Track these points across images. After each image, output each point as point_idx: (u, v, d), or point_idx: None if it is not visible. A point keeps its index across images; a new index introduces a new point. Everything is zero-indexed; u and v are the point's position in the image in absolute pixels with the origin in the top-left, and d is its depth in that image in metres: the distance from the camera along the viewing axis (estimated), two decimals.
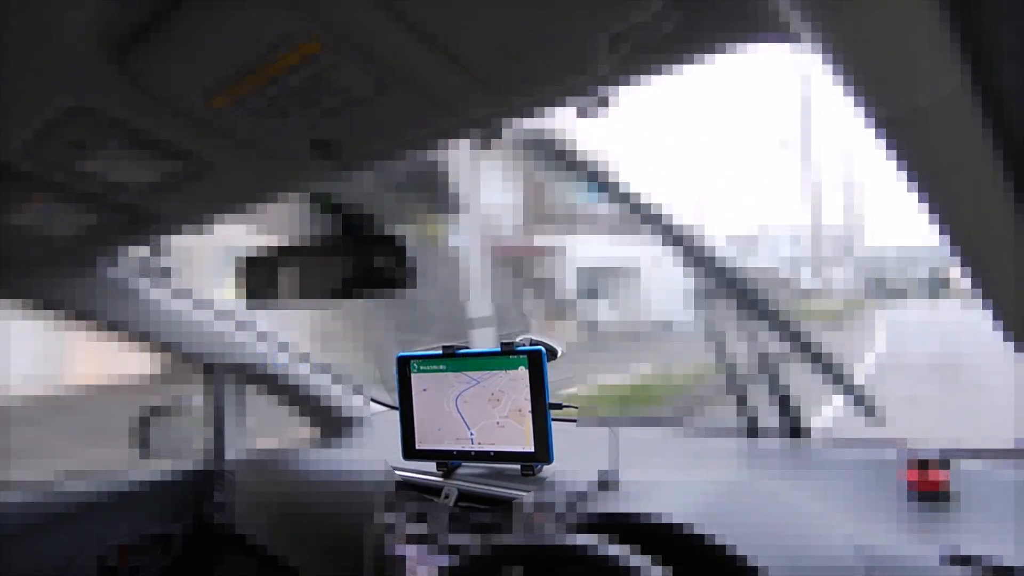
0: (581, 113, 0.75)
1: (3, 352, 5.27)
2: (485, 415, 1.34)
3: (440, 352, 1.39)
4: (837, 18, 0.45)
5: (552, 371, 1.30)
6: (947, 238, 0.59)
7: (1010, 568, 0.84)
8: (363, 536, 1.40)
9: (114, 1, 0.61)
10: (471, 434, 1.36)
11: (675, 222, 1.77)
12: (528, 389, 1.28)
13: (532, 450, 1.29)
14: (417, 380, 1.43)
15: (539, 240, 11.38)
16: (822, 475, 1.17)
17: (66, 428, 5.20)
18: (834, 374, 1.38)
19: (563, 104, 0.75)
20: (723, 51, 0.65)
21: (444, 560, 1.27)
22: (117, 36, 0.65)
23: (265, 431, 2.06)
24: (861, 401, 1.34)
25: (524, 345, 1.30)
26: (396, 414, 1.48)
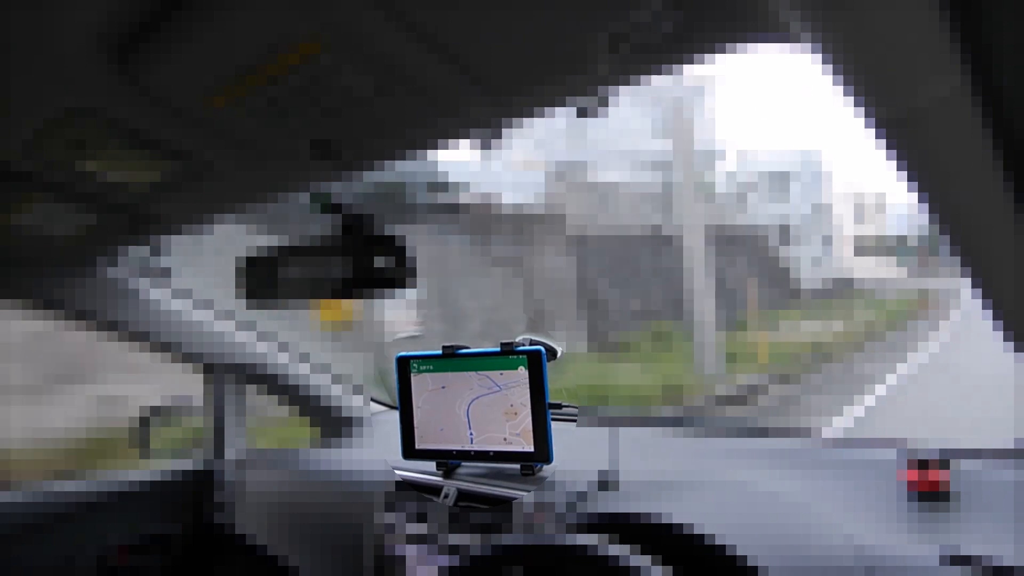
0: (581, 113, 0.75)
1: None
2: (487, 416, 1.34)
3: (440, 352, 1.39)
4: (837, 18, 0.45)
5: None
6: (947, 238, 0.59)
7: (1010, 568, 0.84)
8: (363, 536, 1.40)
9: (114, 1, 0.61)
10: (471, 434, 1.36)
11: None
12: (528, 389, 1.28)
13: (532, 450, 1.29)
14: (418, 380, 1.43)
15: None
16: (822, 475, 1.17)
17: None
18: None
19: (563, 104, 0.75)
20: (723, 51, 0.65)
21: (444, 560, 1.27)
22: (117, 36, 0.65)
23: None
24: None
25: (524, 345, 1.31)
26: (396, 414, 1.48)
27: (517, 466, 1.31)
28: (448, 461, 1.40)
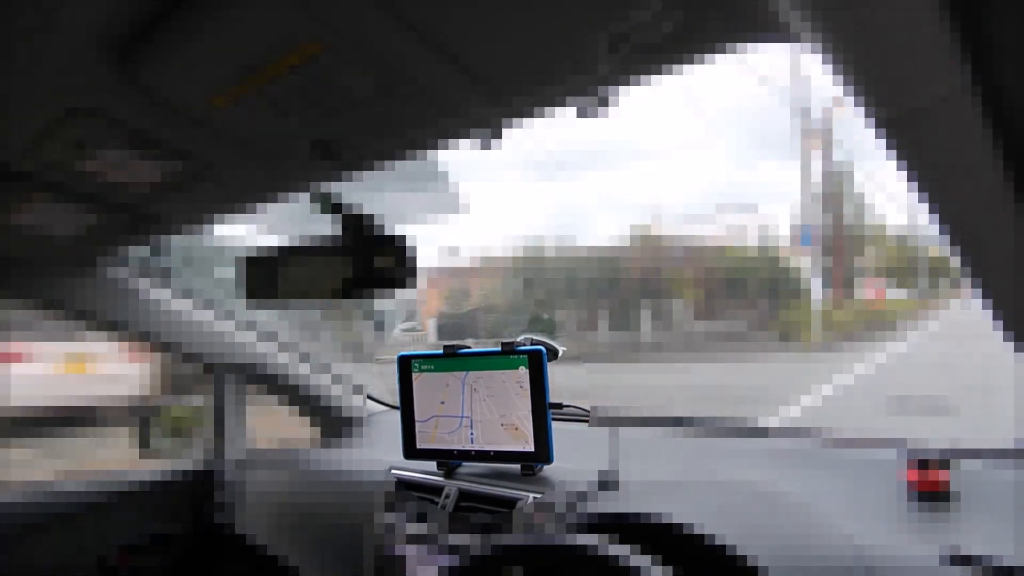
0: (581, 113, 0.75)
1: None
2: (488, 415, 1.34)
3: (441, 352, 1.39)
4: (837, 18, 0.45)
5: None
6: (947, 238, 0.59)
7: (1010, 568, 0.84)
8: (363, 536, 1.40)
9: (114, 1, 0.61)
10: (472, 434, 1.36)
11: None
12: (529, 389, 1.28)
13: (532, 450, 1.29)
14: (419, 380, 1.43)
15: None
16: (822, 475, 1.17)
17: None
18: None
19: (563, 104, 0.75)
20: (723, 51, 0.65)
21: (444, 560, 1.27)
22: (117, 36, 0.65)
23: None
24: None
25: (524, 345, 1.31)
26: (396, 414, 1.48)
27: (518, 466, 1.31)
28: (449, 461, 1.40)
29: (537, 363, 1.28)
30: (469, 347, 1.38)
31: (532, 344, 1.31)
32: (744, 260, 13.18)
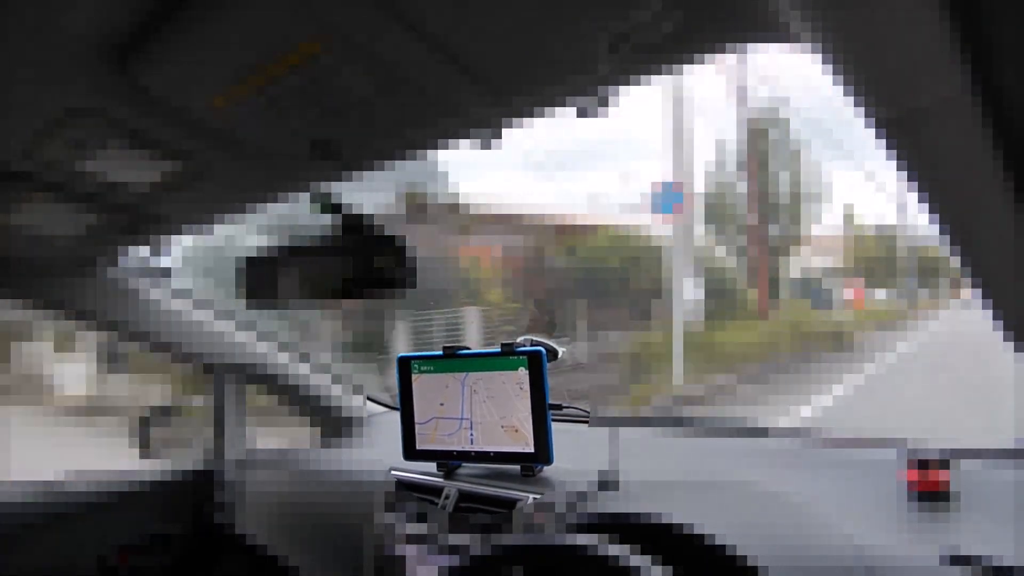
0: (581, 113, 0.75)
1: None
2: (487, 416, 1.34)
3: (441, 353, 1.39)
4: (837, 18, 0.45)
5: None
6: (947, 238, 0.59)
7: (1010, 568, 0.84)
8: (363, 536, 1.40)
9: (115, 2, 0.61)
10: (471, 435, 1.36)
11: None
12: (528, 390, 1.28)
13: (532, 451, 1.28)
14: (418, 380, 1.43)
15: None
16: (822, 475, 1.17)
17: None
18: None
19: (563, 104, 0.75)
20: (723, 51, 0.65)
21: (444, 560, 1.27)
22: (118, 36, 0.65)
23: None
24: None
25: (524, 346, 1.31)
26: (396, 414, 1.48)
27: (517, 467, 1.31)
28: (449, 462, 1.40)
29: (537, 364, 1.28)
30: (469, 348, 1.38)
31: (532, 345, 1.31)
32: (616, 250, 7.97)
